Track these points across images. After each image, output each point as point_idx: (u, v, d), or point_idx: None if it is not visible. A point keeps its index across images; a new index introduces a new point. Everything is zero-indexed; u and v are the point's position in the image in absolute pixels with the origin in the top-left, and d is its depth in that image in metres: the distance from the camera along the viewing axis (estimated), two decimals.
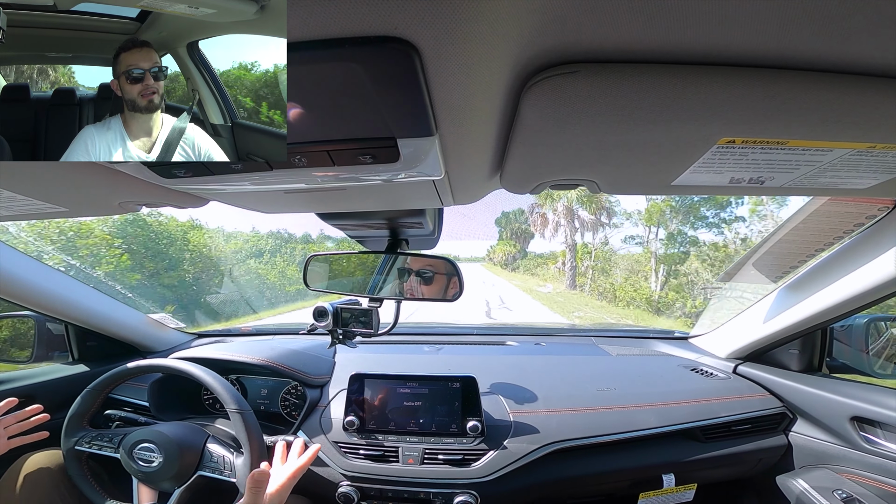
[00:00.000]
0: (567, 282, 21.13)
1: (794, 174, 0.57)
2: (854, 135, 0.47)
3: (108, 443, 1.00)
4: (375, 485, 1.05)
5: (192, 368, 1.02)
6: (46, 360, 1.37)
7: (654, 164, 0.55)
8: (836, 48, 0.37)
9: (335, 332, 1.22)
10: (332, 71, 0.34)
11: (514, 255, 32.45)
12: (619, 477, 1.10)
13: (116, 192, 0.68)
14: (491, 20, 0.30)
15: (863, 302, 0.95)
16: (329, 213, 0.95)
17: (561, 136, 0.49)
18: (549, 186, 0.68)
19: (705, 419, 1.13)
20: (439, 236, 1.18)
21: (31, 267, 1.15)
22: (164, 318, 1.64)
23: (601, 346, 1.64)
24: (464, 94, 0.39)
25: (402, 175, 0.56)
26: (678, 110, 0.43)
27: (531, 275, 27.47)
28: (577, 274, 20.80)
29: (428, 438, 1.08)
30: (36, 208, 0.72)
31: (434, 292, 1.09)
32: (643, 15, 0.33)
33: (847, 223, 0.92)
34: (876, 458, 1.00)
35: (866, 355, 1.14)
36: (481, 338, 1.75)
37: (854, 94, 0.41)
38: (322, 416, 1.17)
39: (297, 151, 0.47)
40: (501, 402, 1.17)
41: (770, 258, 1.14)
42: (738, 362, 1.35)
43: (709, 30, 0.35)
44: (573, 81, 0.40)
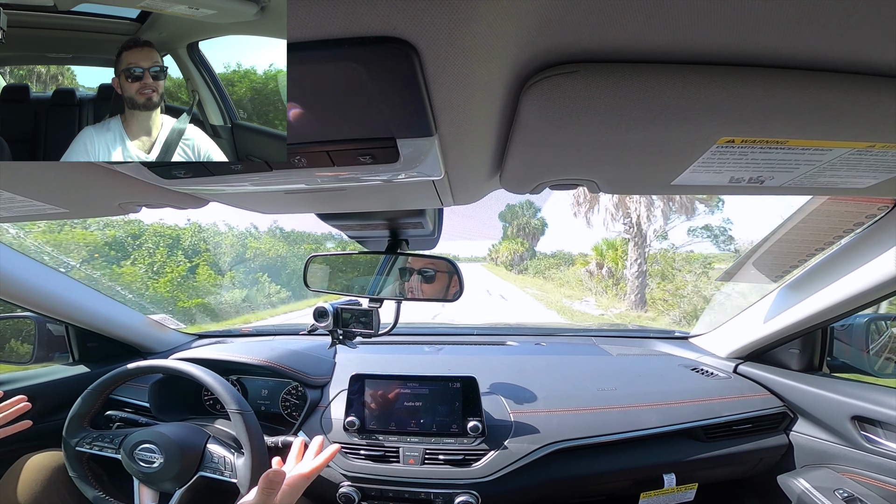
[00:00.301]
0: (633, 296, 12.77)
1: (794, 174, 0.57)
2: (854, 134, 0.47)
3: (109, 443, 1.00)
4: (376, 485, 1.05)
5: (193, 369, 1.02)
6: (47, 360, 1.37)
7: (654, 163, 0.55)
8: (835, 47, 0.37)
9: (335, 333, 1.22)
10: (331, 71, 0.34)
11: (521, 255, 28.65)
12: (620, 477, 1.10)
13: (116, 192, 0.69)
14: (490, 20, 0.30)
15: (863, 301, 0.95)
16: (329, 214, 0.95)
17: (560, 136, 0.49)
18: (548, 186, 0.68)
19: (706, 419, 1.13)
20: (439, 236, 1.18)
21: (31, 268, 1.15)
22: (164, 319, 1.64)
23: (601, 345, 1.64)
24: (463, 94, 0.39)
25: (401, 175, 0.56)
26: (678, 110, 0.43)
27: (544, 278, 21.07)
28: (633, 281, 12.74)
29: (428, 439, 1.08)
30: (36, 209, 0.72)
31: (434, 292, 1.09)
32: (643, 15, 0.33)
33: (847, 222, 0.92)
34: (877, 458, 1.00)
35: (867, 354, 1.14)
36: (481, 338, 1.75)
37: (854, 93, 0.41)
38: (322, 416, 1.17)
39: (297, 152, 0.47)
40: (502, 402, 1.17)
41: (770, 257, 1.14)
42: (739, 362, 1.35)
43: (708, 30, 0.35)
44: (573, 81, 0.40)
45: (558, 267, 21.30)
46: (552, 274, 20.67)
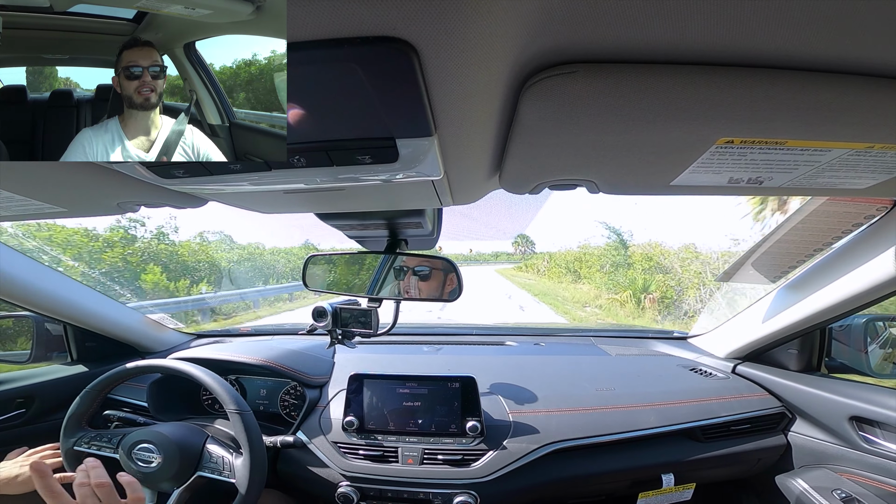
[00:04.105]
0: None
1: (793, 174, 0.57)
2: (853, 135, 0.47)
3: (108, 443, 1.00)
4: (375, 485, 1.05)
5: (192, 369, 1.02)
6: (45, 360, 1.37)
7: (653, 164, 0.55)
8: (834, 48, 0.37)
9: (334, 333, 1.22)
10: (330, 71, 0.34)
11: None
12: (619, 477, 1.10)
13: (115, 192, 0.68)
14: (490, 20, 0.30)
15: (861, 302, 0.95)
16: (328, 214, 0.95)
17: (560, 137, 0.49)
18: (548, 187, 0.68)
19: (704, 419, 1.13)
20: (438, 236, 1.18)
21: (29, 267, 1.15)
22: (162, 319, 1.64)
23: (600, 346, 1.64)
24: (463, 94, 0.39)
25: (400, 175, 0.56)
26: (677, 110, 0.43)
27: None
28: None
29: (427, 439, 1.08)
30: (35, 208, 0.72)
31: (433, 292, 1.09)
32: (642, 15, 0.33)
33: (846, 223, 0.92)
34: (875, 458, 1.00)
35: (865, 355, 1.14)
36: (481, 338, 1.75)
37: (853, 93, 0.41)
38: (321, 416, 1.17)
39: (296, 151, 0.47)
40: (501, 402, 1.17)
41: (769, 258, 1.14)
42: (737, 362, 1.35)
43: (707, 30, 0.35)
44: (572, 81, 0.40)
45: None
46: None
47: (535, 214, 36.00)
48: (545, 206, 26.52)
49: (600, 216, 39.09)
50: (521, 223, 42.43)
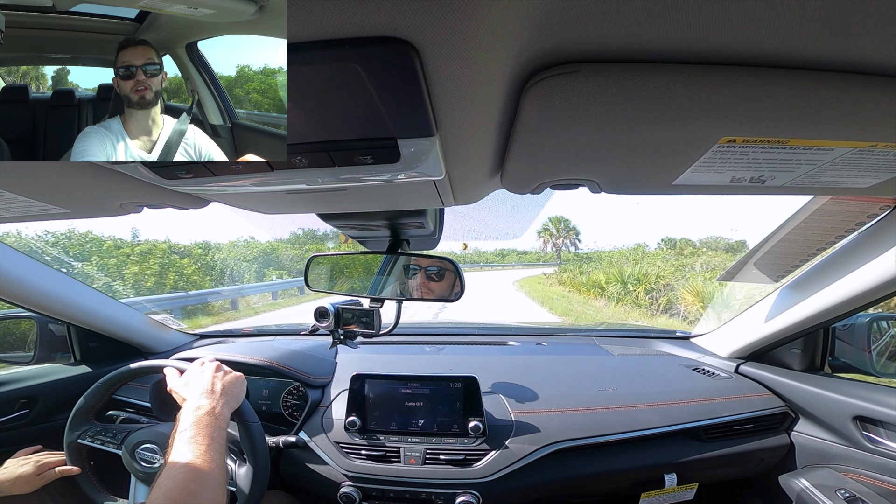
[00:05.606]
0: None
1: (796, 173, 0.57)
2: (855, 134, 0.47)
3: (112, 438, 1.00)
4: (377, 485, 1.05)
5: None
6: (48, 361, 1.37)
7: (655, 163, 0.55)
8: (836, 47, 0.37)
9: (336, 333, 1.22)
10: (332, 72, 0.34)
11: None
12: (621, 477, 1.10)
13: (118, 193, 0.69)
14: (491, 20, 0.30)
15: (864, 301, 0.95)
16: (330, 214, 0.95)
17: (561, 136, 0.49)
18: (549, 186, 0.68)
19: (707, 419, 1.13)
20: (440, 236, 1.18)
21: (32, 268, 1.15)
22: (165, 319, 1.64)
23: (602, 345, 1.64)
24: (464, 94, 0.39)
25: (402, 175, 0.56)
26: (679, 110, 0.42)
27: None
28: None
29: (429, 439, 1.08)
30: (37, 209, 0.72)
31: (435, 292, 1.10)
32: (644, 15, 0.33)
33: (848, 222, 0.92)
34: (879, 458, 0.99)
35: (868, 354, 1.14)
36: (483, 338, 1.75)
37: (855, 93, 0.41)
38: (323, 416, 1.17)
39: (298, 152, 0.47)
40: (503, 402, 1.17)
41: (772, 257, 1.13)
42: (740, 362, 1.35)
43: (709, 29, 0.34)
44: (573, 81, 0.40)
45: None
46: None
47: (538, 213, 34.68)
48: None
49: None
50: (523, 221, 40.17)
